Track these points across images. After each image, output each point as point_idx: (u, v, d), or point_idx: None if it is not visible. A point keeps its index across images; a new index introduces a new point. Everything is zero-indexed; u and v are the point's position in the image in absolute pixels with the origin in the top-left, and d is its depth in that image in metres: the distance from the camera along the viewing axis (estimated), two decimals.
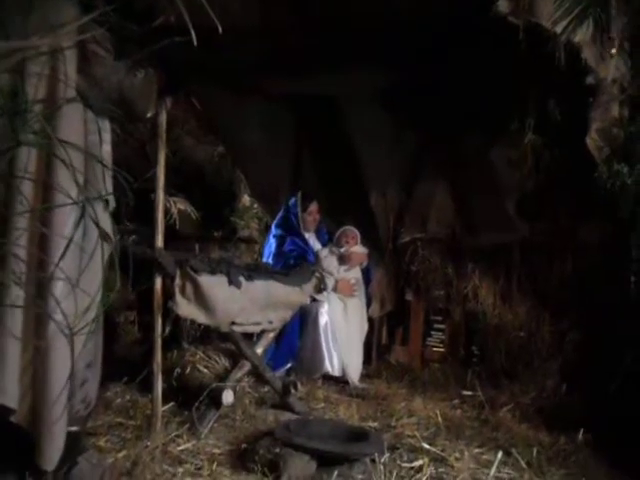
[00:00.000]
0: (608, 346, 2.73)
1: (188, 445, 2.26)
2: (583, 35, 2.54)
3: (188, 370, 2.80)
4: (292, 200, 3.79)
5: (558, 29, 2.50)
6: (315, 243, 3.88)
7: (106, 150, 1.94)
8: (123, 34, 1.92)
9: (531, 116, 3.37)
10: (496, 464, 2.24)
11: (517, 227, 3.74)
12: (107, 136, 1.96)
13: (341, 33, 2.74)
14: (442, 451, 2.37)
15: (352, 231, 3.88)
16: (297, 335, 3.51)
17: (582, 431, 2.61)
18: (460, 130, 3.81)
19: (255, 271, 2.78)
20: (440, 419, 2.76)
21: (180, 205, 4.10)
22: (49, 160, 1.59)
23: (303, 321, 3.51)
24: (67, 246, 1.45)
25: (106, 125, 1.96)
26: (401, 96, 3.81)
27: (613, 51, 2.60)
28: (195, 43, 1.24)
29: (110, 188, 1.87)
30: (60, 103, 1.51)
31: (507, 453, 2.42)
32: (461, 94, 3.57)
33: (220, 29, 1.34)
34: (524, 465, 2.31)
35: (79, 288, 1.53)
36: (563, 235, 3.52)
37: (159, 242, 2.36)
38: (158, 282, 2.35)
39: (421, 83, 3.55)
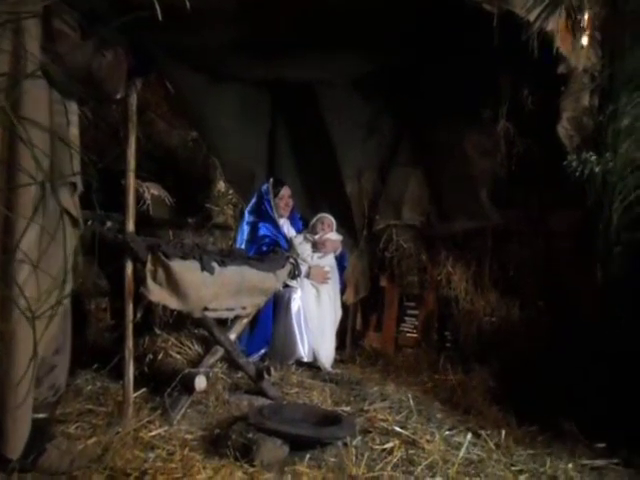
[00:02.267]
0: (576, 331, 2.80)
1: (160, 431, 2.25)
2: (555, 24, 2.57)
3: (160, 356, 2.78)
4: (264, 186, 3.77)
5: (531, 17, 2.52)
6: (289, 229, 3.86)
7: (73, 133, 1.89)
8: (91, 13, 1.86)
9: (504, 104, 3.42)
10: (465, 445, 2.29)
11: (489, 214, 3.80)
12: (74, 118, 1.91)
13: (318, 18, 2.72)
14: (413, 434, 2.40)
15: (328, 218, 3.88)
16: (271, 321, 3.50)
17: (549, 414, 2.69)
18: (434, 118, 3.84)
19: (229, 257, 2.76)
20: (412, 403, 2.80)
21: (154, 190, 4.03)
22: (12, 139, 1.54)
23: (276, 307, 3.51)
24: (27, 227, 1.41)
25: (73, 107, 1.91)
26: (377, 83, 3.82)
27: (584, 41, 2.64)
28: (160, 18, 1.21)
29: (77, 170, 1.82)
30: (20, 77, 1.46)
31: (477, 435, 2.48)
32: (435, 82, 3.59)
33: (188, 6, 1.31)
34: (493, 446, 2.37)
35: (41, 271, 1.49)
36: (534, 222, 3.59)
37: (130, 226, 2.32)
38: (129, 267, 2.31)
39: (396, 71, 3.56)
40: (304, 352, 3.47)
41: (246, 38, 2.81)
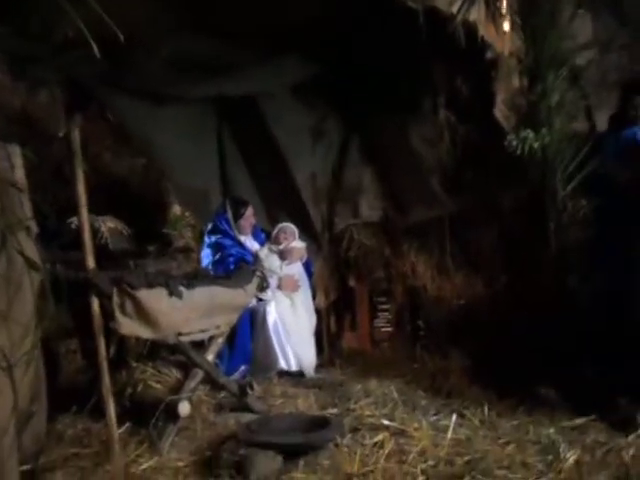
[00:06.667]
0: (538, 299, 2.93)
1: (150, 463, 2.22)
2: (477, 14, 2.70)
3: (140, 388, 2.74)
4: (221, 206, 3.77)
5: (454, 10, 2.64)
6: (253, 244, 3.87)
7: (19, 175, 1.86)
8: (22, 54, 1.84)
9: (441, 94, 3.54)
10: (452, 427, 2.36)
11: (443, 202, 3.91)
12: (18, 160, 1.88)
13: (250, 30, 2.76)
14: (401, 424, 2.46)
15: (289, 227, 3.90)
16: (249, 337, 3.50)
17: (526, 383, 2.80)
18: (378, 114, 3.93)
19: (195, 279, 2.74)
20: (396, 395, 2.86)
21: (109, 223, 3.95)
22: None
23: (253, 322, 3.51)
24: None
25: (16, 149, 1.88)
26: (318, 88, 3.88)
27: (506, 27, 2.78)
28: (98, 55, 1.22)
29: (29, 214, 1.79)
30: None
31: (462, 415, 2.56)
32: (373, 79, 3.67)
33: (122, 38, 1.33)
34: (477, 423, 2.45)
35: (10, 320, 1.47)
36: (485, 204, 3.72)
37: (90, 262, 2.28)
38: (95, 304, 2.27)
39: (335, 73, 3.63)
40: (286, 363, 3.48)
41: (183, 58, 2.82)
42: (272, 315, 3.52)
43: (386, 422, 2.48)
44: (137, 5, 2.19)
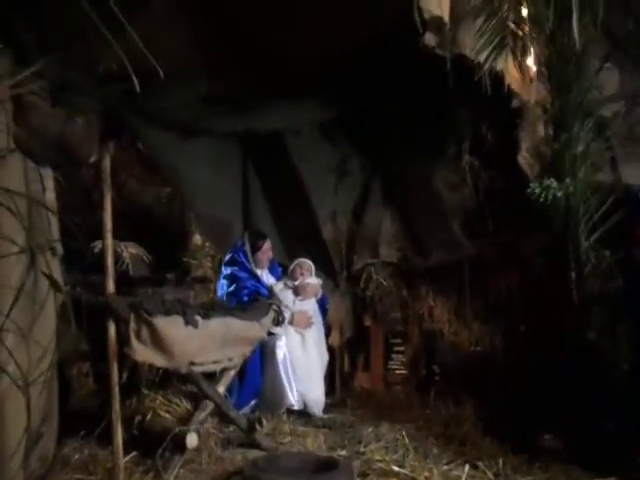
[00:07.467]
0: (557, 349, 2.86)
1: None
2: (504, 63, 2.75)
3: (149, 417, 2.72)
4: (239, 239, 3.80)
5: (481, 59, 2.70)
6: (269, 278, 3.87)
7: (50, 198, 1.91)
8: (62, 82, 1.92)
9: (466, 140, 3.57)
10: (464, 478, 2.27)
11: (464, 246, 3.89)
12: (50, 183, 1.95)
13: (279, 72, 2.85)
14: (412, 472, 2.38)
15: (306, 263, 3.90)
16: (259, 371, 3.47)
17: (544, 437, 2.70)
18: (402, 157, 3.97)
19: (211, 309, 2.75)
20: (407, 440, 2.78)
21: (132, 249, 4.02)
22: None
23: (262, 356, 3.48)
24: (17, 296, 1.41)
25: (48, 173, 1.94)
26: (343, 128, 3.96)
27: (532, 76, 2.82)
28: (138, 90, 1.27)
29: (57, 235, 1.84)
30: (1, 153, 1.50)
31: (474, 467, 2.47)
32: (399, 122, 3.73)
33: (162, 74, 1.38)
34: (491, 476, 2.37)
35: (31, 338, 1.48)
36: (506, 250, 3.69)
37: (110, 287, 2.31)
38: (112, 328, 2.29)
39: (361, 114, 3.70)
40: (293, 399, 3.43)
41: (215, 95, 2.91)
42: (281, 350, 3.47)
43: (396, 468, 2.41)
44: (174, 43, 2.29)
